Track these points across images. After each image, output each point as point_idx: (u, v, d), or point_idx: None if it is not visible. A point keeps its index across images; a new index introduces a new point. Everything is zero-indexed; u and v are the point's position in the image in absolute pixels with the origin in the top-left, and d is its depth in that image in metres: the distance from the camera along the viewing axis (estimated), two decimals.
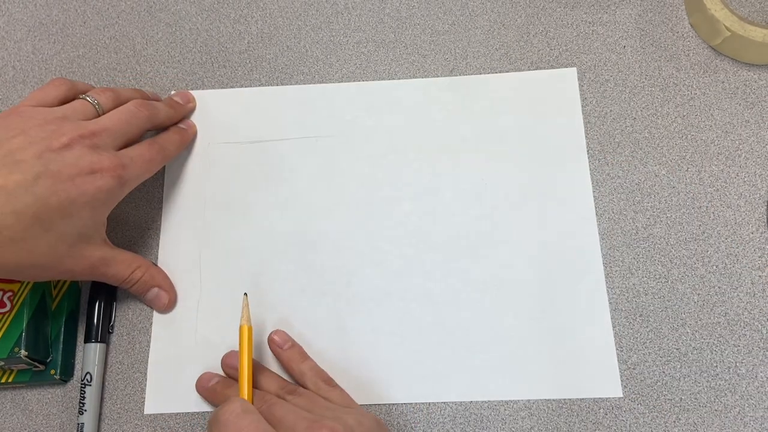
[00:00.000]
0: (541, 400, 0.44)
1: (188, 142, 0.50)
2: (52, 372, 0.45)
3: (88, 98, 0.44)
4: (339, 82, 0.52)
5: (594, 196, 0.48)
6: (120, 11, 0.56)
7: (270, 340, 0.45)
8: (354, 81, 0.52)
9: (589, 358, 0.44)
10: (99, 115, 0.44)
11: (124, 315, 0.47)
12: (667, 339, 0.45)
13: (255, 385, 0.43)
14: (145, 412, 0.45)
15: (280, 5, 0.55)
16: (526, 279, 0.46)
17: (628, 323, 0.45)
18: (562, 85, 0.51)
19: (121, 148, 0.43)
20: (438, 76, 0.52)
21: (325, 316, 0.46)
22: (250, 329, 0.42)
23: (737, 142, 0.49)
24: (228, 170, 0.50)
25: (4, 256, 0.38)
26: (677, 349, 0.44)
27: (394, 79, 0.52)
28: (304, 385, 0.43)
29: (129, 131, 0.44)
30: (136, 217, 0.49)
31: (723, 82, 0.50)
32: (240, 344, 0.42)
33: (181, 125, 0.50)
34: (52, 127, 0.41)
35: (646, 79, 0.51)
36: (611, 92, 0.50)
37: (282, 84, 0.53)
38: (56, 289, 0.46)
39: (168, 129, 0.49)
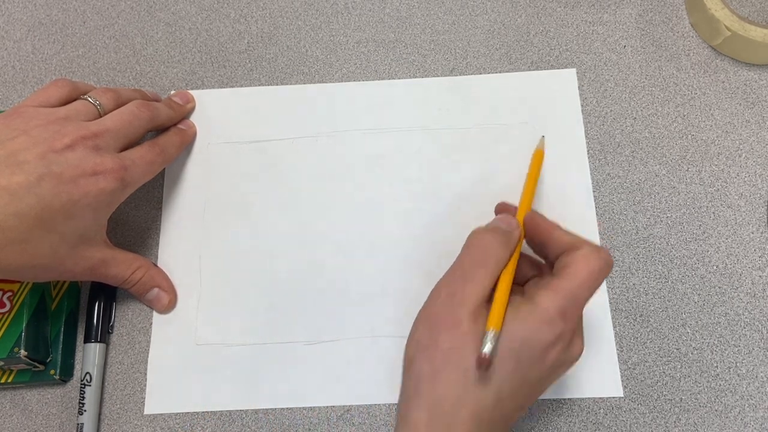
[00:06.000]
0: (540, 399, 0.44)
1: (188, 143, 0.50)
2: (52, 372, 0.45)
3: (89, 99, 0.44)
4: (339, 82, 0.52)
5: (594, 196, 0.48)
6: (120, 11, 0.56)
7: None
8: (354, 81, 0.52)
9: (589, 357, 0.44)
10: (100, 116, 0.44)
11: (124, 315, 0.47)
12: (667, 339, 0.45)
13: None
14: (145, 412, 0.45)
15: (280, 5, 0.55)
16: None
17: (628, 323, 0.45)
18: (562, 85, 0.51)
19: (122, 149, 0.43)
20: (438, 76, 0.52)
21: (325, 316, 0.46)
22: (540, 154, 0.45)
23: (737, 142, 0.49)
24: (228, 170, 0.50)
25: (6, 257, 0.38)
26: (677, 349, 0.44)
27: (394, 79, 0.52)
28: None
29: (130, 132, 0.44)
30: (136, 218, 0.49)
31: (723, 82, 0.50)
32: (530, 169, 0.44)
33: (180, 126, 0.50)
34: (54, 127, 0.40)
35: (646, 79, 0.51)
36: (611, 92, 0.50)
37: (282, 84, 0.52)
38: (56, 289, 0.46)
39: (168, 130, 0.49)
